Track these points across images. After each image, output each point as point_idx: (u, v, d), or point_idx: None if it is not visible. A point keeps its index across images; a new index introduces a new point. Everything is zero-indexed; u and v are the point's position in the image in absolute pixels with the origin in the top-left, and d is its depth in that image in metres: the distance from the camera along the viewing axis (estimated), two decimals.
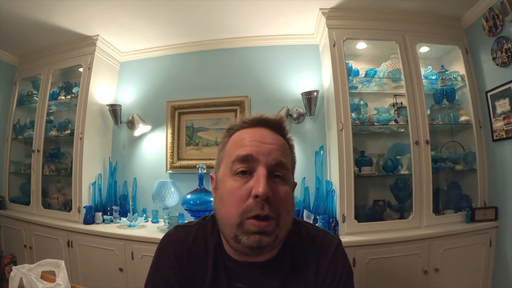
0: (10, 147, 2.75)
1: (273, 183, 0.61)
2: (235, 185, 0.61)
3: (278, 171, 0.62)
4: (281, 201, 0.61)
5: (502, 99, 1.83)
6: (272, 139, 0.65)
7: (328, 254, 0.69)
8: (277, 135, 0.67)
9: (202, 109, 2.51)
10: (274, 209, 0.59)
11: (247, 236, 0.59)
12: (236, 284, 0.66)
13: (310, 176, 2.19)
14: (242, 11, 2.11)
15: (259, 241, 0.58)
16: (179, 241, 0.71)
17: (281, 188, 0.62)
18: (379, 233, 1.83)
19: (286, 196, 0.62)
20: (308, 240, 0.72)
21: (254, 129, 0.67)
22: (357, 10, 2.04)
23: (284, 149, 0.66)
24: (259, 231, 0.58)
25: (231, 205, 0.61)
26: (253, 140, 0.64)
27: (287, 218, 0.63)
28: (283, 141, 0.68)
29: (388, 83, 2.24)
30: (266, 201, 0.58)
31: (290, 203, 0.64)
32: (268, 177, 0.60)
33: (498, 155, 1.91)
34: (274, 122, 0.68)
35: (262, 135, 0.65)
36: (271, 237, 0.59)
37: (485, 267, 1.87)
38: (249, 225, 0.59)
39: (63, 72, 2.74)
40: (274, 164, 0.62)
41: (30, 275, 0.84)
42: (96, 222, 2.27)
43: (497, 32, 1.84)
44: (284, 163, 0.63)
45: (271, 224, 0.59)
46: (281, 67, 2.44)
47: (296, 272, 0.68)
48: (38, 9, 2.04)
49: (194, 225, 0.74)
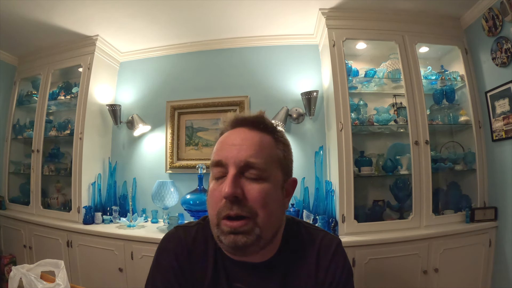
0: (10, 147, 2.75)
1: (245, 183, 0.61)
2: (213, 188, 0.63)
3: (249, 171, 0.61)
4: (255, 200, 0.60)
5: (502, 99, 1.83)
6: (244, 139, 0.63)
7: (328, 254, 0.69)
8: (255, 132, 0.65)
9: (202, 109, 2.50)
10: (247, 208, 0.59)
11: (224, 236, 0.60)
12: (235, 284, 0.66)
13: (310, 176, 2.19)
14: (241, 11, 2.11)
15: (234, 241, 0.59)
16: (179, 241, 0.71)
17: (254, 187, 0.60)
18: (379, 233, 1.83)
19: (261, 193, 0.60)
20: (308, 240, 0.72)
21: (234, 131, 0.67)
22: (356, 10, 2.04)
23: (259, 146, 0.63)
24: (232, 231, 0.59)
25: (210, 207, 0.63)
26: (226, 144, 0.64)
27: (268, 216, 0.61)
28: (262, 137, 0.65)
29: (387, 83, 2.24)
30: (235, 201, 0.59)
31: (270, 201, 0.62)
32: (239, 177, 0.60)
33: (498, 155, 1.91)
34: (250, 120, 0.67)
35: (236, 137, 0.65)
36: (249, 237, 0.59)
37: (484, 267, 1.87)
38: (223, 225, 0.60)
39: (63, 72, 2.74)
40: (243, 165, 0.61)
41: (30, 275, 0.84)
42: (96, 222, 2.26)
43: (496, 32, 1.84)
44: (253, 163, 0.61)
45: (246, 224, 0.59)
46: (280, 67, 2.44)
47: (295, 272, 0.68)
48: (38, 9, 2.04)
49: (194, 225, 0.75)
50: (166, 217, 2.21)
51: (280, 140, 0.68)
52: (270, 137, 0.67)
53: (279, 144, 0.68)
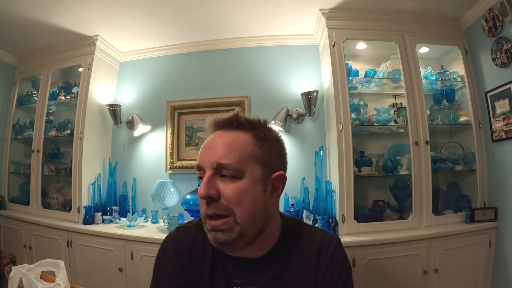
0: (10, 147, 2.75)
1: (220, 183, 0.63)
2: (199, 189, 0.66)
3: (222, 172, 0.63)
4: (229, 198, 0.62)
5: (502, 100, 1.83)
6: (216, 142, 0.66)
7: (328, 253, 0.71)
8: (228, 132, 0.67)
9: (202, 109, 2.50)
10: (223, 207, 0.62)
11: (209, 233, 0.64)
12: (233, 280, 0.69)
13: (310, 177, 2.19)
14: (241, 11, 2.11)
15: (215, 238, 0.63)
16: (178, 241, 0.74)
17: (229, 186, 0.62)
18: (379, 233, 1.83)
19: (236, 192, 0.62)
20: (308, 238, 0.74)
21: (213, 134, 0.70)
22: (357, 10, 2.04)
23: (229, 147, 0.64)
24: (213, 228, 0.63)
25: (200, 206, 0.67)
26: (203, 148, 0.68)
27: (247, 213, 0.62)
28: (233, 137, 0.66)
29: (387, 83, 2.24)
30: (210, 201, 0.62)
31: (246, 198, 0.62)
32: (214, 178, 0.63)
33: (498, 155, 1.91)
34: (223, 121, 0.69)
35: (209, 141, 0.68)
36: (229, 234, 0.62)
37: (484, 268, 1.87)
38: (207, 224, 0.64)
39: (63, 72, 2.74)
40: (216, 167, 0.63)
41: (30, 275, 0.84)
42: (96, 222, 2.26)
43: (496, 32, 1.84)
44: (224, 164, 0.62)
45: (226, 223, 0.62)
46: (281, 68, 2.45)
47: (294, 267, 0.70)
48: (38, 9, 2.04)
49: (194, 225, 0.77)
50: (166, 217, 2.21)
51: (260, 136, 0.68)
52: (247, 134, 0.67)
53: (258, 140, 0.67)
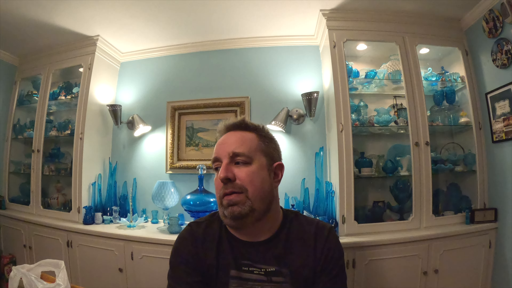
0: (10, 147, 2.75)
1: (234, 168, 0.80)
2: (215, 178, 0.83)
3: (236, 158, 0.80)
4: (243, 178, 0.78)
5: (502, 101, 1.84)
6: (230, 138, 0.84)
7: (323, 236, 0.84)
8: (238, 132, 0.86)
9: (202, 110, 2.51)
10: (238, 186, 0.78)
11: (225, 209, 0.78)
12: (242, 261, 0.81)
13: (310, 177, 2.19)
14: (242, 12, 2.11)
15: (231, 211, 0.76)
16: (191, 233, 0.89)
17: (242, 169, 0.79)
18: (379, 234, 1.83)
19: (248, 174, 0.79)
20: (305, 224, 0.88)
21: (224, 135, 0.87)
22: (357, 11, 2.04)
23: (242, 141, 0.83)
24: (229, 203, 0.77)
25: (216, 192, 0.82)
26: (218, 144, 0.85)
27: (257, 191, 0.79)
28: (244, 134, 0.85)
29: (388, 84, 2.24)
30: (228, 181, 0.78)
31: (256, 178, 0.79)
32: (229, 165, 0.80)
33: (498, 156, 1.91)
34: (235, 124, 0.88)
35: (224, 138, 0.86)
36: (243, 207, 0.76)
37: (484, 269, 1.87)
38: (224, 201, 0.78)
39: (63, 72, 2.74)
40: (231, 155, 0.80)
41: (30, 275, 0.84)
42: (96, 222, 2.26)
43: (497, 33, 1.84)
44: (238, 152, 0.80)
45: (238, 197, 0.77)
46: (281, 68, 2.45)
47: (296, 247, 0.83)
48: (38, 9, 2.04)
49: (204, 220, 0.92)
50: (166, 218, 2.21)
51: (262, 135, 0.88)
52: (252, 133, 0.86)
53: (262, 138, 0.87)
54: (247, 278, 0.80)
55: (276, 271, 0.80)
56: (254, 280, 0.80)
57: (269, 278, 0.79)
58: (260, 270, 0.80)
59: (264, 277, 0.80)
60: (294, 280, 0.79)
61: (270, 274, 0.80)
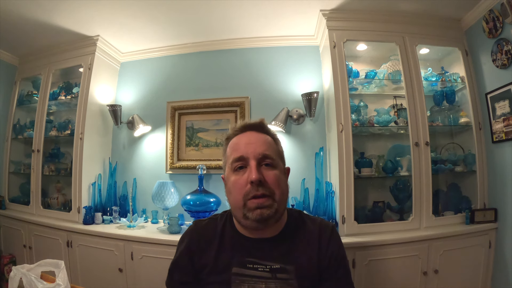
0: (10, 147, 2.75)
1: (263, 170, 0.80)
2: (236, 178, 0.80)
3: (266, 160, 0.80)
4: (272, 182, 0.79)
5: (502, 101, 1.84)
6: (256, 139, 0.84)
7: (327, 234, 0.86)
8: (260, 133, 0.86)
9: (202, 110, 2.51)
10: (267, 189, 0.77)
11: (251, 212, 0.76)
12: (247, 259, 0.82)
13: (310, 177, 2.19)
14: (242, 12, 2.11)
15: (261, 213, 0.76)
16: (191, 231, 0.92)
17: (271, 172, 0.80)
18: (379, 234, 1.83)
19: (276, 177, 0.80)
20: (309, 223, 0.90)
21: (243, 134, 0.86)
22: (357, 11, 2.04)
23: (268, 143, 0.84)
24: (259, 206, 0.76)
25: (236, 192, 0.80)
26: (243, 143, 0.83)
27: (282, 194, 0.80)
28: (266, 137, 0.86)
29: (388, 84, 2.24)
30: (259, 184, 0.77)
31: (281, 183, 0.81)
32: (258, 167, 0.79)
33: (498, 156, 1.91)
34: (256, 125, 0.88)
35: (249, 138, 0.84)
36: (271, 209, 0.77)
37: (484, 269, 1.87)
38: (251, 203, 0.77)
39: (63, 72, 2.74)
40: (260, 157, 0.80)
41: (30, 275, 0.84)
42: (96, 223, 2.26)
43: (497, 34, 1.84)
44: (268, 154, 0.81)
45: (268, 200, 0.77)
46: (281, 68, 2.45)
47: (300, 245, 0.84)
48: (38, 9, 2.04)
49: (207, 219, 0.95)
50: (166, 218, 2.21)
51: (276, 139, 0.91)
52: (269, 137, 0.88)
53: (277, 141, 0.90)
54: (251, 275, 0.80)
55: (281, 268, 0.81)
56: (258, 277, 0.80)
57: (274, 275, 0.80)
58: (265, 267, 0.81)
59: (269, 274, 0.80)
60: (299, 277, 0.80)
61: (275, 271, 0.80)
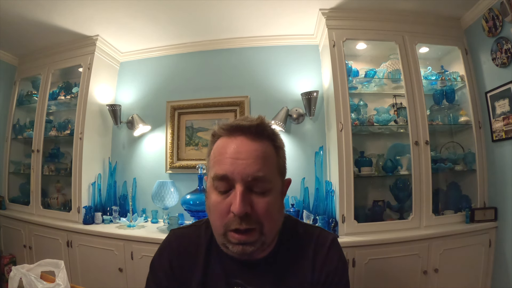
0: (10, 147, 2.75)
1: (252, 197, 0.62)
2: (217, 200, 0.64)
3: (257, 186, 0.62)
4: (262, 213, 0.62)
5: (502, 100, 1.83)
6: (247, 153, 0.62)
7: (324, 250, 0.72)
8: (254, 142, 0.64)
9: (202, 109, 2.50)
10: (255, 221, 0.62)
11: (232, 245, 0.63)
12: (235, 280, 0.69)
13: (310, 177, 2.19)
14: (242, 12, 2.11)
15: (243, 250, 0.62)
16: (169, 245, 0.77)
17: (261, 201, 0.63)
18: (379, 233, 1.83)
19: (267, 207, 0.63)
20: (305, 237, 0.75)
21: (231, 139, 0.65)
22: (357, 10, 2.04)
23: (263, 159, 0.63)
24: (241, 242, 0.62)
25: (215, 218, 0.65)
26: (229, 157, 0.63)
27: (272, 225, 0.66)
28: (262, 147, 0.65)
29: (387, 83, 2.24)
30: (244, 217, 0.61)
31: (274, 211, 0.65)
32: (246, 193, 0.61)
33: (498, 155, 1.91)
34: (251, 128, 0.64)
35: (238, 148, 0.63)
36: (255, 245, 0.63)
37: (484, 268, 1.87)
38: (231, 236, 0.63)
39: (63, 72, 2.74)
40: (250, 180, 0.61)
41: (30, 275, 0.84)
42: (96, 222, 2.26)
43: (496, 32, 1.84)
44: (261, 177, 0.62)
45: (253, 236, 0.62)
46: (281, 68, 2.45)
47: (293, 268, 0.71)
48: (38, 9, 2.04)
49: (188, 227, 0.80)
50: (166, 217, 2.21)
51: (278, 145, 0.69)
52: (270, 144, 0.67)
53: (278, 150, 0.69)
54: None
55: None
56: None
57: None
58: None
59: None
60: None
61: None
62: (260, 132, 0.65)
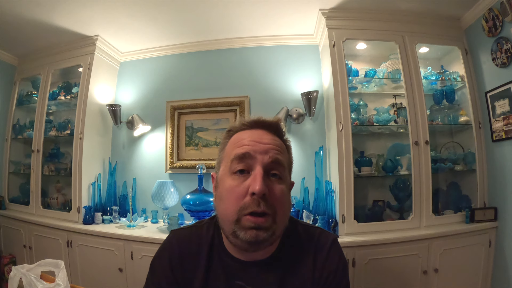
0: (10, 147, 2.75)
1: (269, 182, 0.64)
2: (233, 184, 0.64)
3: (275, 169, 0.65)
4: (277, 199, 0.63)
5: (502, 100, 1.83)
6: (269, 140, 0.68)
7: (324, 251, 0.72)
8: (274, 136, 0.70)
9: (202, 109, 2.50)
10: (270, 206, 0.62)
11: (245, 231, 0.62)
12: (236, 281, 0.68)
13: (310, 177, 2.19)
14: (241, 12, 2.11)
15: (256, 236, 0.61)
16: (170, 246, 0.76)
17: (277, 186, 0.65)
18: (379, 233, 1.83)
19: (282, 194, 0.65)
20: (305, 238, 0.75)
21: (253, 131, 0.70)
22: (357, 10, 2.04)
23: (281, 149, 0.69)
24: (256, 226, 0.61)
25: (230, 202, 0.64)
26: (251, 140, 0.67)
27: (283, 215, 0.66)
28: (280, 141, 0.71)
29: (387, 83, 2.24)
30: (263, 198, 0.61)
31: (286, 201, 0.67)
32: (265, 176, 0.63)
33: (498, 155, 1.91)
34: (272, 124, 0.71)
35: (259, 136, 0.68)
36: (268, 232, 0.62)
37: (484, 268, 1.87)
38: (246, 221, 0.61)
39: (63, 72, 2.74)
40: (270, 162, 0.64)
41: (30, 275, 0.84)
42: (96, 222, 2.26)
43: (496, 32, 1.84)
44: (280, 160, 0.66)
45: (267, 221, 0.62)
46: (281, 68, 2.45)
47: (294, 269, 0.71)
48: (38, 9, 2.04)
49: (189, 228, 0.79)
50: (166, 217, 2.21)
51: (288, 145, 0.74)
52: (282, 143, 0.72)
53: (289, 150, 0.74)
54: None
55: None
56: None
57: None
58: None
59: None
60: None
61: None
62: (279, 130, 0.72)
